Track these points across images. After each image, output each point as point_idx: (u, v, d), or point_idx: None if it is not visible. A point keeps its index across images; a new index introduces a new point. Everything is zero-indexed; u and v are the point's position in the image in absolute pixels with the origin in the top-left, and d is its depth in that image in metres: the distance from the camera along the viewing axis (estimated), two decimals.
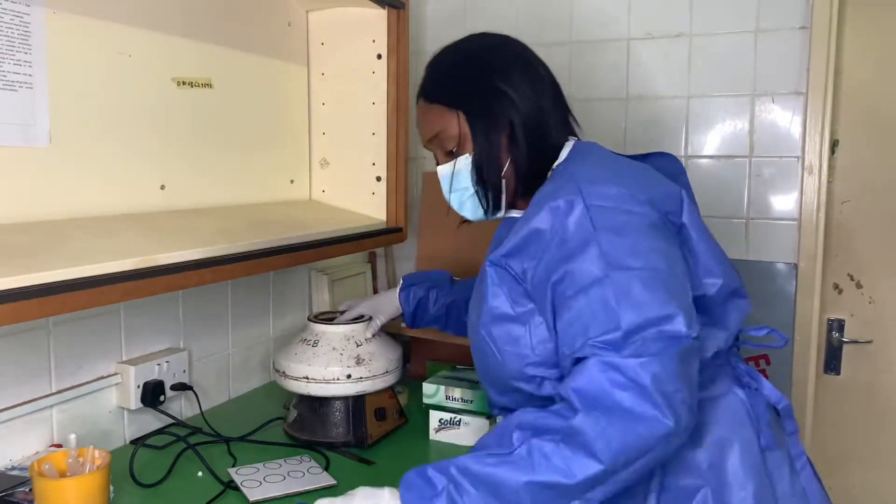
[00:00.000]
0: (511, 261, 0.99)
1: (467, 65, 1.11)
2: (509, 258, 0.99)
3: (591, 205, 0.93)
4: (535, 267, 0.96)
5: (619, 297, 0.88)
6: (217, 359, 1.63)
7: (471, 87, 1.09)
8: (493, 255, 1.02)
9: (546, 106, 1.09)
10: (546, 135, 1.09)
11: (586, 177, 0.99)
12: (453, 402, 1.44)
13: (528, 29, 1.90)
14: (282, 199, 1.69)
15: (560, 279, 0.92)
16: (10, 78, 1.07)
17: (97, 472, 1.06)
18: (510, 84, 1.07)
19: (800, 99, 1.68)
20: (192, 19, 1.40)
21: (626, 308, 0.87)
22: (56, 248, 1.05)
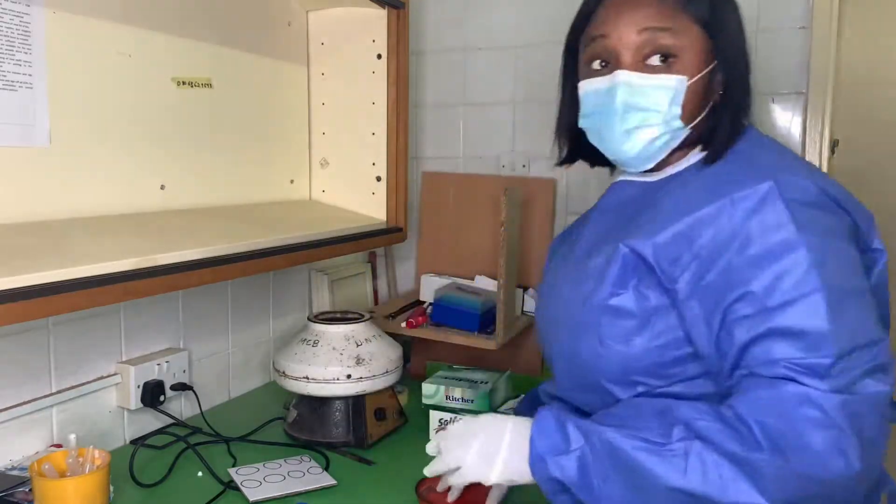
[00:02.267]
0: (659, 250, 0.85)
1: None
2: (657, 247, 0.86)
3: (791, 199, 0.81)
4: (698, 266, 0.83)
5: (831, 315, 0.76)
6: (217, 359, 1.63)
7: (730, 16, 0.92)
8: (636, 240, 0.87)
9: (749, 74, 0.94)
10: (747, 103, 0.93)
11: (778, 164, 0.86)
12: (453, 402, 1.44)
13: (528, 29, 1.90)
14: (282, 199, 1.69)
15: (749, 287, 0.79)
16: (10, 78, 1.07)
17: (97, 472, 1.06)
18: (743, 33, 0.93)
19: (800, 99, 1.68)
20: (192, 19, 1.40)
21: (838, 331, 0.76)
22: (56, 248, 1.05)
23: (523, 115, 1.94)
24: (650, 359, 0.87)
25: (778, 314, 0.78)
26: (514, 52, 1.93)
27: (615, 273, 0.89)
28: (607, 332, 0.89)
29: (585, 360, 0.92)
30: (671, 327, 0.87)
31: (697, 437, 0.78)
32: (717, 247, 0.82)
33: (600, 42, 0.91)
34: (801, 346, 0.77)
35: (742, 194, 0.82)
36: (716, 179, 0.87)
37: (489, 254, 1.90)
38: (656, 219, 0.88)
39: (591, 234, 0.99)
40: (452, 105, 2.02)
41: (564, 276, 0.99)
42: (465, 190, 1.98)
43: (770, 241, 0.80)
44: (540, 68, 1.90)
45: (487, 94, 1.97)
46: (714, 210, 0.83)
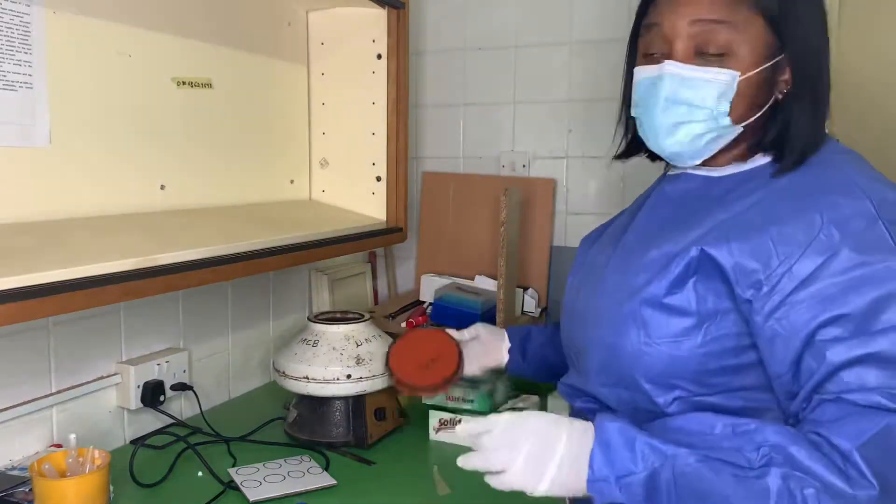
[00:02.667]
0: (738, 259, 0.80)
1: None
2: (736, 255, 0.80)
3: (891, 221, 0.77)
4: (786, 282, 0.77)
5: None
6: (217, 359, 1.63)
7: (802, 4, 0.86)
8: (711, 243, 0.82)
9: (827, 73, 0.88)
10: (824, 105, 0.88)
11: (869, 180, 0.81)
12: (453, 402, 1.44)
13: (528, 29, 1.91)
14: (282, 199, 1.69)
15: (845, 310, 0.74)
16: (10, 78, 1.07)
17: (97, 473, 1.06)
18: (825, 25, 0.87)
19: None
20: (192, 19, 1.40)
21: None
22: (56, 248, 1.05)
23: (523, 115, 1.94)
24: (696, 364, 0.83)
25: (878, 339, 0.73)
26: (514, 52, 1.93)
27: (678, 271, 0.84)
28: (656, 330, 0.84)
29: (626, 357, 0.87)
30: (724, 335, 0.83)
31: (792, 465, 0.72)
32: (809, 263, 0.77)
33: (654, 30, 0.88)
34: None
35: (838, 212, 0.78)
36: (803, 191, 0.82)
37: (489, 254, 1.90)
38: (735, 225, 0.83)
39: (646, 223, 0.94)
40: (452, 105, 2.02)
41: (612, 265, 0.93)
42: (465, 190, 1.98)
43: (871, 263, 0.75)
44: (540, 68, 1.90)
45: (487, 94, 1.98)
46: (805, 225, 0.78)
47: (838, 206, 0.78)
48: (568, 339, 1.03)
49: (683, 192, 0.92)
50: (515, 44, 1.93)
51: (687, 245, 0.84)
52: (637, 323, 0.86)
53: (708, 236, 0.83)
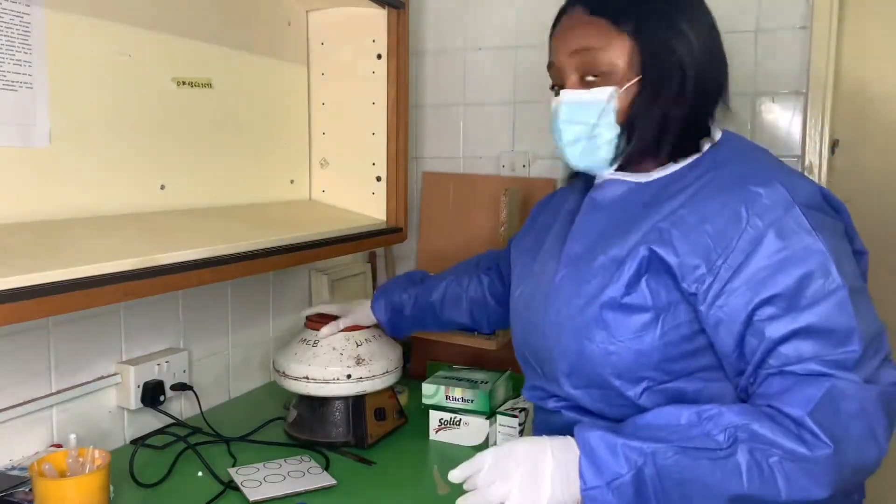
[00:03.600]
0: (682, 257, 0.88)
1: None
2: (680, 253, 0.88)
3: (803, 204, 0.85)
4: (723, 272, 0.86)
5: (854, 311, 0.81)
6: (217, 359, 1.63)
7: (650, 15, 0.93)
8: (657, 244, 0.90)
9: (715, 65, 0.96)
10: (708, 99, 0.96)
11: (777, 169, 0.90)
12: (453, 402, 1.44)
13: (528, 29, 1.90)
14: (282, 199, 1.69)
15: (776, 290, 0.83)
16: (10, 78, 1.07)
17: (97, 472, 1.06)
18: (692, 24, 0.93)
19: (800, 99, 1.68)
20: (192, 19, 1.40)
21: (860, 325, 0.81)
22: (56, 248, 1.05)
23: (523, 116, 1.94)
24: (658, 354, 0.90)
25: (806, 314, 0.82)
26: (514, 52, 1.93)
27: (631, 272, 0.91)
28: (618, 329, 0.92)
29: (594, 359, 0.93)
30: (679, 323, 0.90)
31: (755, 440, 0.80)
32: (740, 253, 0.85)
33: (552, 69, 1.00)
34: (830, 342, 0.81)
35: (759, 203, 0.86)
36: (725, 186, 0.90)
37: None
38: (673, 224, 0.90)
39: (584, 230, 1.01)
40: (452, 105, 2.02)
41: (563, 275, 1.00)
42: (465, 190, 1.98)
43: (792, 245, 0.84)
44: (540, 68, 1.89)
45: (487, 94, 1.97)
46: (733, 219, 0.86)
47: (759, 197, 0.86)
48: (525, 347, 1.08)
49: (614, 198, 1.00)
50: (515, 44, 1.93)
51: (634, 246, 0.92)
52: (600, 326, 0.93)
53: (651, 236, 0.91)
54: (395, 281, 1.48)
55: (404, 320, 1.43)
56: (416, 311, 1.42)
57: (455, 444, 1.42)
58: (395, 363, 1.45)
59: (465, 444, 1.41)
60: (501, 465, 0.86)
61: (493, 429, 1.42)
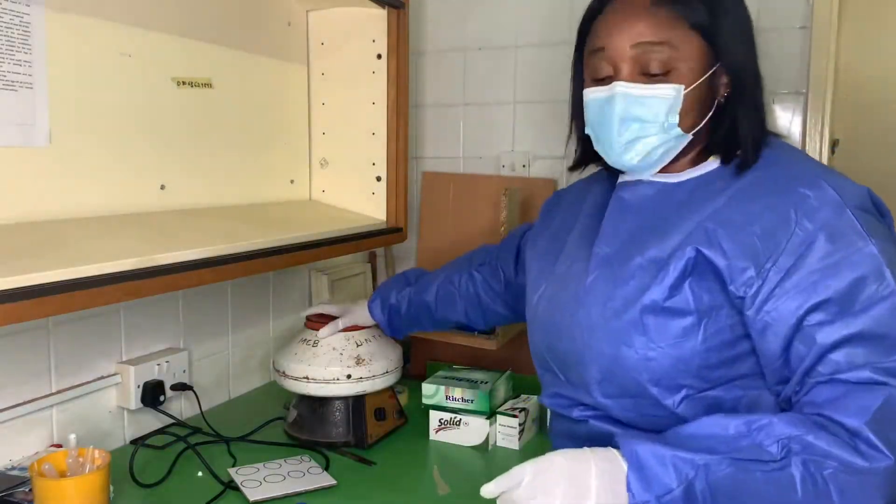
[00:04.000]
0: (731, 258, 0.85)
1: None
2: (728, 255, 0.85)
3: (854, 206, 0.83)
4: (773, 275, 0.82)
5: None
6: (217, 359, 1.63)
7: (730, 16, 0.90)
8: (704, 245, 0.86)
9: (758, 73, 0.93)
10: (761, 102, 0.93)
11: (823, 171, 0.87)
12: (453, 402, 1.44)
13: (528, 29, 1.90)
14: (281, 199, 1.69)
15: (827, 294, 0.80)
16: (10, 78, 1.07)
17: (97, 473, 1.06)
18: (751, 31, 0.92)
19: (800, 99, 1.68)
20: (192, 19, 1.40)
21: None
22: (56, 248, 1.05)
23: (523, 116, 1.94)
24: (698, 361, 0.87)
25: (859, 319, 0.79)
26: (514, 52, 1.93)
27: (676, 274, 0.87)
28: (659, 334, 0.88)
29: (631, 365, 0.89)
30: (721, 328, 0.87)
31: (808, 451, 0.76)
32: (790, 256, 0.82)
33: (599, 54, 0.92)
34: (884, 349, 0.78)
35: (808, 204, 0.83)
36: (771, 187, 0.87)
37: None
38: (718, 225, 0.87)
39: (615, 231, 0.96)
40: (452, 105, 2.02)
41: (594, 277, 0.95)
42: (465, 190, 1.98)
43: (844, 249, 0.81)
44: (540, 68, 1.90)
45: (487, 94, 1.97)
46: (781, 221, 0.84)
47: (808, 199, 0.83)
48: (548, 353, 1.03)
49: (644, 198, 0.96)
50: (515, 44, 1.93)
51: (679, 247, 0.88)
52: (640, 330, 0.88)
53: (697, 237, 0.87)
54: (391, 281, 1.48)
55: (402, 320, 1.43)
56: (412, 311, 1.41)
57: (455, 445, 1.42)
58: (395, 363, 1.45)
59: (465, 444, 1.41)
60: (541, 479, 0.80)
61: (493, 429, 1.42)
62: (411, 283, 1.43)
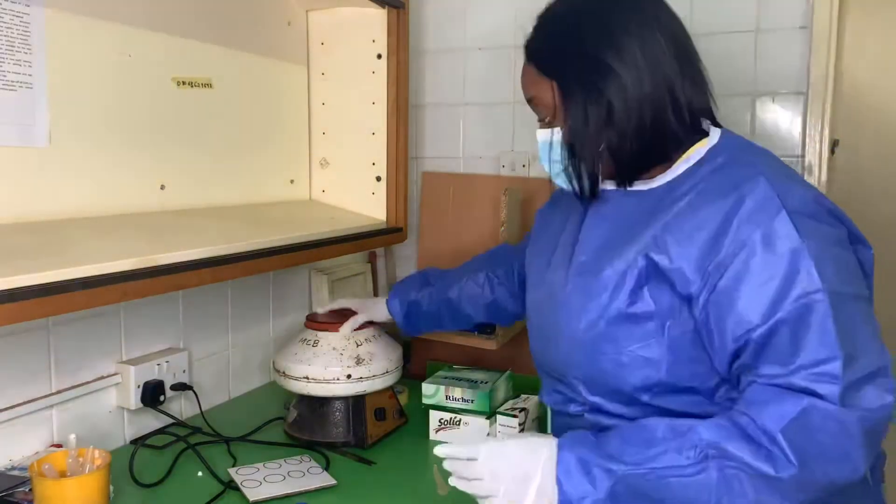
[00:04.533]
0: (676, 262, 0.90)
1: (569, 26, 0.97)
2: (673, 259, 0.90)
3: (793, 210, 0.85)
4: (712, 276, 0.87)
5: (841, 325, 0.81)
6: (217, 359, 1.63)
7: (568, 56, 0.96)
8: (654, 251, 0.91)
9: (666, 83, 0.94)
10: (660, 118, 0.94)
11: (773, 174, 0.89)
12: (453, 402, 1.44)
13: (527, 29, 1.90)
14: (281, 199, 1.69)
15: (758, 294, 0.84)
16: (10, 78, 1.07)
17: (97, 473, 1.06)
18: (619, 56, 0.92)
19: (800, 99, 1.68)
20: (192, 19, 1.40)
21: (847, 341, 0.80)
22: (55, 248, 1.05)
23: (523, 115, 1.94)
24: (667, 360, 0.92)
25: (789, 322, 0.82)
26: (514, 52, 1.93)
27: (633, 282, 0.92)
28: (626, 339, 0.93)
29: (608, 369, 0.95)
30: (685, 330, 0.91)
31: (725, 457, 0.82)
32: (728, 257, 0.86)
33: None
34: (811, 352, 0.81)
35: (747, 207, 0.86)
36: (718, 192, 0.90)
37: None
38: (668, 230, 0.91)
39: (591, 242, 1.01)
40: (452, 105, 2.02)
41: (572, 287, 1.00)
42: (465, 190, 1.98)
43: (777, 251, 0.84)
44: None
45: (487, 93, 1.97)
46: (722, 223, 0.87)
47: (748, 202, 0.87)
48: (541, 356, 1.09)
49: (615, 208, 1.00)
50: (515, 43, 1.92)
51: (634, 256, 0.93)
52: (609, 339, 0.94)
53: (648, 244, 0.92)
54: (410, 279, 1.48)
55: (421, 318, 1.43)
56: (433, 309, 1.41)
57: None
58: (395, 363, 1.45)
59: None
60: (493, 463, 0.90)
61: (493, 428, 1.42)
62: (431, 283, 1.43)
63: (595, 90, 0.94)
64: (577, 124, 0.96)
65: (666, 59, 0.94)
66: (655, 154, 0.97)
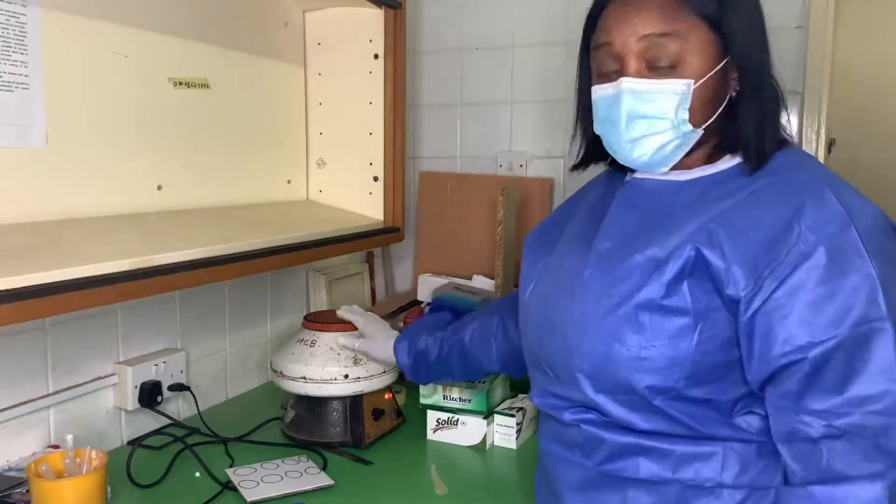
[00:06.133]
0: (730, 261, 0.82)
1: None
2: (727, 257, 0.83)
3: (863, 225, 0.79)
4: (769, 283, 0.80)
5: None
6: (214, 359, 1.63)
7: (740, 7, 0.87)
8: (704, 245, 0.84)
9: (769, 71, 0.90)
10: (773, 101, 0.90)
11: (836, 184, 0.83)
12: (451, 401, 1.44)
13: (526, 29, 1.91)
14: (279, 200, 1.69)
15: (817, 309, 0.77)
16: (6, 78, 1.07)
17: (94, 473, 1.06)
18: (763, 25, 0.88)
19: (796, 98, 1.68)
20: (189, 19, 1.40)
21: None
22: (52, 248, 1.05)
23: (520, 115, 1.94)
24: (691, 363, 0.85)
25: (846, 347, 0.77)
26: (511, 52, 1.94)
27: (674, 273, 0.85)
28: (654, 332, 0.85)
29: (623, 363, 0.87)
30: (716, 333, 0.84)
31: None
32: (787, 266, 0.79)
33: (605, 49, 0.90)
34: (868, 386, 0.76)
35: (813, 216, 0.80)
36: (780, 196, 0.84)
37: (487, 253, 1.90)
38: (721, 227, 0.85)
39: (618, 227, 0.94)
40: (449, 105, 2.02)
41: (592, 272, 0.92)
42: (462, 190, 1.98)
43: (843, 268, 0.78)
44: (537, 68, 1.90)
45: (484, 93, 1.98)
46: (783, 229, 0.81)
47: (813, 211, 0.80)
48: (539, 349, 1.00)
49: (651, 196, 0.93)
50: (512, 43, 1.93)
51: (679, 245, 0.85)
52: (634, 328, 0.86)
53: (699, 237, 0.85)
54: (420, 322, 1.37)
55: (429, 366, 1.29)
56: (443, 354, 1.27)
57: (453, 444, 1.42)
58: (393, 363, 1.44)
59: (462, 443, 1.41)
60: None
61: (490, 428, 1.42)
62: (442, 327, 1.30)
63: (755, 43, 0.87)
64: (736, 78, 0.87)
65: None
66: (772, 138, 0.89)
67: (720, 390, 0.86)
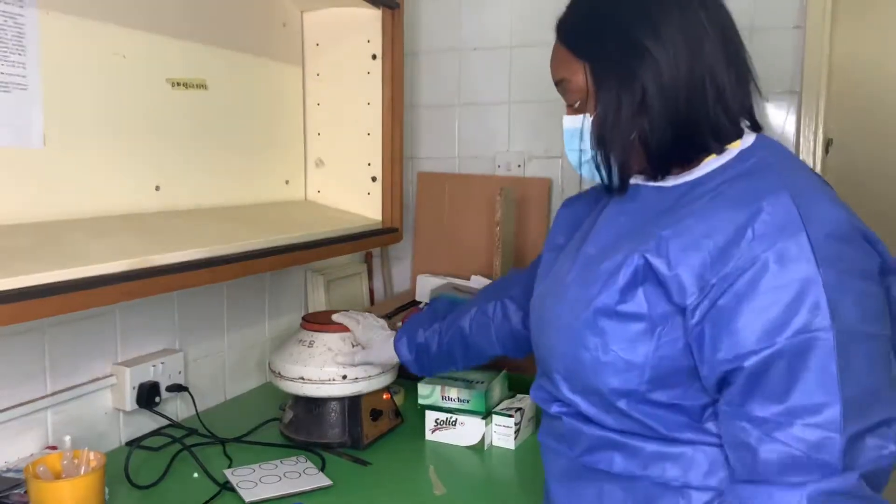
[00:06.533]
0: (675, 268, 0.83)
1: (606, 4, 0.91)
2: (665, 255, 0.84)
3: (813, 229, 0.77)
4: (714, 290, 0.80)
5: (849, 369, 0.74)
6: (213, 360, 1.63)
7: (605, 37, 0.89)
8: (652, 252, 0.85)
9: (707, 70, 0.87)
10: (696, 107, 0.87)
11: (800, 186, 0.82)
12: (449, 402, 1.44)
13: (523, 29, 1.91)
14: (277, 200, 1.69)
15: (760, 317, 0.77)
16: (4, 79, 1.07)
17: (92, 474, 1.06)
18: (657, 39, 0.86)
19: (794, 98, 1.68)
20: (187, 20, 1.39)
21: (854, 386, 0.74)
22: (51, 249, 1.05)
23: (518, 115, 1.95)
24: (651, 367, 0.86)
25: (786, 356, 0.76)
26: (509, 52, 1.94)
27: (626, 279, 0.87)
28: (612, 337, 0.87)
29: (588, 364, 0.89)
30: (676, 338, 0.85)
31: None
32: (735, 272, 0.79)
33: None
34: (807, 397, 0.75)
35: (765, 221, 0.79)
36: (737, 200, 0.83)
37: (485, 254, 1.91)
38: (675, 234, 0.85)
39: (604, 234, 0.97)
40: (448, 105, 2.02)
41: (573, 277, 0.96)
42: (460, 190, 1.98)
43: (788, 275, 0.76)
44: (535, 68, 1.90)
45: (482, 94, 1.98)
46: (735, 234, 0.80)
47: (768, 216, 0.79)
48: (536, 348, 1.04)
49: (636, 203, 0.95)
50: (510, 44, 1.93)
51: (630, 252, 0.87)
52: (595, 332, 0.88)
53: (649, 244, 0.86)
54: (418, 316, 1.37)
55: (431, 358, 1.32)
56: (444, 345, 1.30)
57: (451, 445, 1.42)
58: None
59: (461, 444, 1.41)
60: None
61: (488, 429, 1.42)
62: (440, 318, 1.33)
63: (629, 74, 0.87)
64: (609, 110, 0.89)
65: (708, 46, 0.88)
66: (691, 146, 0.90)
67: (687, 395, 0.86)
